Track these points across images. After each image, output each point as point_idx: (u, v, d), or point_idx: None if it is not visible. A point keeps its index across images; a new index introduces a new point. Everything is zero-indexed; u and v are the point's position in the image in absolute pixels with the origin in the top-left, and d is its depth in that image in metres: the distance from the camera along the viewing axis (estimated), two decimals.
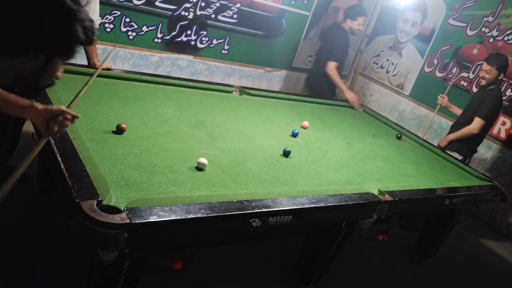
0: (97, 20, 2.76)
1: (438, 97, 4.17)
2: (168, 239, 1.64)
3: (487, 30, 4.62)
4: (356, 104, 4.19)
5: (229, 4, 4.48)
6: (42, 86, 1.43)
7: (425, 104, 5.08)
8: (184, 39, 4.42)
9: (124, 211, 1.47)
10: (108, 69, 2.88)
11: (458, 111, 4.14)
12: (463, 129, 3.80)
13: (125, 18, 3.98)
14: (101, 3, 3.75)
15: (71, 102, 1.72)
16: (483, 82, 3.72)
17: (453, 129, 4.03)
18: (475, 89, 4.55)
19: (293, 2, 4.90)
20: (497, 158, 4.48)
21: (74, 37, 1.20)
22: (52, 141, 1.75)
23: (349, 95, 4.25)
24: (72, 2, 1.19)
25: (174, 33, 4.33)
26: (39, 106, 1.49)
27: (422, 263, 3.39)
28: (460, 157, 3.85)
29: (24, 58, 1.20)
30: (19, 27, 1.14)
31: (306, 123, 3.11)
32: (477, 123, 3.73)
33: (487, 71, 3.66)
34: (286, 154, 2.45)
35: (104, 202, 1.49)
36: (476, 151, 4.05)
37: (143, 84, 2.91)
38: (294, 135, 2.85)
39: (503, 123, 4.42)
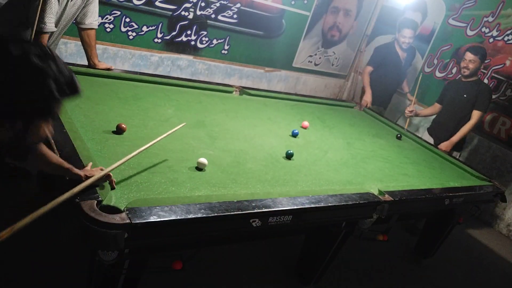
0: (96, 20, 2.76)
1: (406, 111, 4.16)
2: (168, 239, 1.64)
3: (487, 30, 4.62)
4: (363, 106, 4.22)
5: (229, 4, 4.48)
6: (26, 150, 1.28)
7: (425, 104, 5.07)
8: (184, 39, 4.42)
9: (124, 211, 1.47)
10: (108, 69, 2.87)
11: (427, 111, 4.24)
12: (464, 127, 3.79)
13: (125, 18, 3.98)
14: (101, 3, 3.76)
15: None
16: (467, 72, 3.75)
17: (437, 124, 4.05)
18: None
19: (293, 2, 4.91)
20: (497, 158, 4.48)
21: (49, 96, 1.07)
22: (52, 141, 1.75)
23: (365, 96, 4.34)
24: (39, 59, 1.05)
25: (174, 33, 4.33)
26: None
27: (422, 263, 3.38)
28: (457, 155, 3.87)
29: None
30: None
31: (306, 123, 3.11)
32: (478, 116, 3.77)
33: (472, 61, 3.70)
34: (289, 156, 2.45)
35: (104, 202, 1.49)
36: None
37: (143, 84, 2.91)
38: (294, 135, 2.85)
39: (503, 123, 4.42)
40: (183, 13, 4.27)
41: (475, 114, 3.78)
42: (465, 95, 3.82)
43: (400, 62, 4.61)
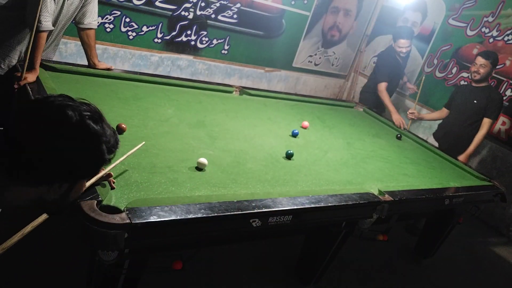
0: (95, 20, 2.76)
1: (408, 113, 4.08)
2: (168, 239, 1.64)
3: (487, 30, 4.62)
4: (401, 126, 4.01)
5: (229, 4, 4.48)
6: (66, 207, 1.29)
7: (425, 104, 5.08)
8: (184, 39, 4.42)
9: (124, 211, 1.48)
10: (108, 69, 2.87)
11: (432, 115, 4.15)
12: (477, 137, 3.68)
13: (125, 18, 3.98)
14: (101, 3, 3.76)
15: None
16: (477, 77, 3.66)
17: (443, 129, 3.96)
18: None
19: (293, 2, 4.91)
20: (497, 158, 4.48)
21: (101, 159, 1.11)
22: None
23: (395, 117, 4.12)
24: (94, 122, 1.06)
25: (174, 33, 4.33)
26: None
27: (422, 263, 3.39)
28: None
29: (47, 186, 1.08)
30: (44, 161, 1.03)
31: (306, 123, 3.11)
32: (489, 125, 3.68)
33: (482, 65, 3.61)
34: (289, 156, 2.45)
35: (104, 202, 1.49)
36: None
37: (143, 84, 2.91)
38: (294, 135, 2.85)
39: (503, 123, 4.42)
40: (183, 13, 4.27)
41: (486, 123, 3.68)
42: (475, 101, 3.72)
43: (400, 65, 4.59)
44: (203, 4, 4.33)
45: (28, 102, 1.07)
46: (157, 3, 4.07)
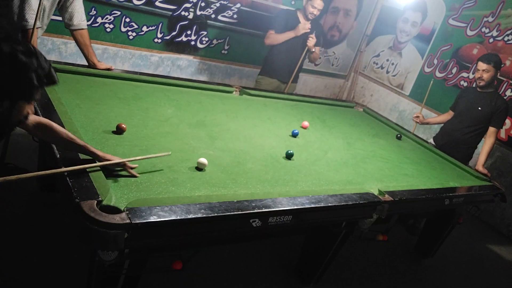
0: (84, 20, 2.76)
1: (413, 117, 3.99)
2: (168, 239, 1.64)
3: (487, 30, 4.62)
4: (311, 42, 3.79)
5: (229, 4, 4.48)
6: (12, 125, 1.60)
7: (425, 104, 5.07)
8: (184, 39, 4.42)
9: (124, 211, 1.48)
10: (108, 69, 2.88)
11: (438, 119, 4.06)
12: (487, 146, 3.54)
13: (125, 18, 3.98)
14: (101, 3, 3.78)
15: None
16: (482, 83, 3.51)
17: (444, 133, 3.85)
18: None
19: (293, 2, 4.90)
20: (497, 158, 4.48)
21: (30, 84, 1.39)
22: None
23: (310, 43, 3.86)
24: (24, 55, 1.36)
25: (174, 33, 4.33)
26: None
27: (422, 263, 3.39)
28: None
29: None
30: None
31: (306, 123, 3.11)
32: (496, 134, 3.57)
33: (485, 70, 3.45)
34: (289, 156, 2.44)
35: (104, 202, 1.49)
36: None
37: (143, 84, 2.91)
38: (294, 135, 2.85)
39: (503, 124, 4.41)
40: (183, 13, 4.27)
41: (493, 132, 3.55)
42: (479, 108, 3.57)
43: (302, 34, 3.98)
44: (203, 4, 4.33)
45: None
46: (157, 3, 4.07)
